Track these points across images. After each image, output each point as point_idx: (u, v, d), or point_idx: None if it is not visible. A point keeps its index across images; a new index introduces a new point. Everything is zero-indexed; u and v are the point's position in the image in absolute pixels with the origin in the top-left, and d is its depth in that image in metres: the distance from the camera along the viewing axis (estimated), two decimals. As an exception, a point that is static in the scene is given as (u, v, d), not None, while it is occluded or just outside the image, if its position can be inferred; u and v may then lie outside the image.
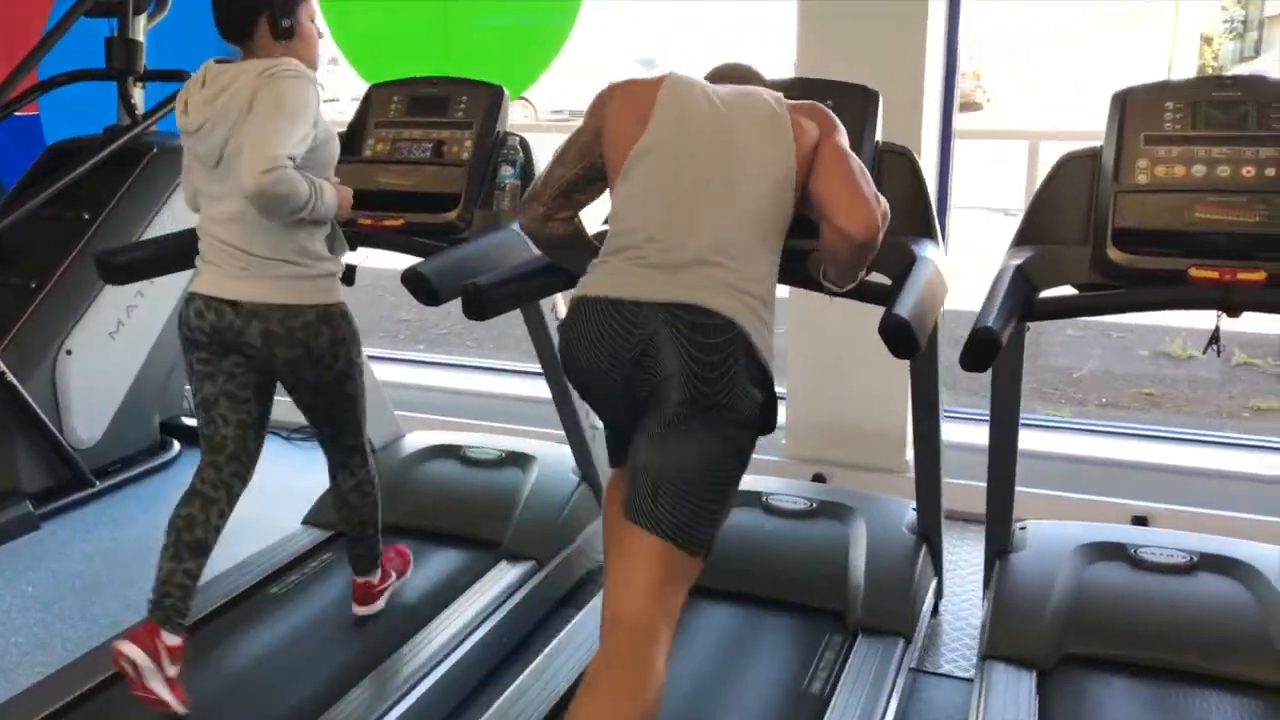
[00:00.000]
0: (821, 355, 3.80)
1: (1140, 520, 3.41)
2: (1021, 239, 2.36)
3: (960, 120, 3.86)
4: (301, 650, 2.68)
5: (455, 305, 2.38)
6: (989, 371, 2.11)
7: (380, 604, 2.82)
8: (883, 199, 2.03)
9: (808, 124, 2.05)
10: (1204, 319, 2.23)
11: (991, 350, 1.93)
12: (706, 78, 2.26)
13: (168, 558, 2.46)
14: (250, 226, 2.33)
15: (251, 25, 2.35)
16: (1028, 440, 3.55)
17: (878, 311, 2.32)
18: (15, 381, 3.60)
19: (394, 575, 2.89)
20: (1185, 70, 14.01)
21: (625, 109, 2.09)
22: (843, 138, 2.07)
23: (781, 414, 3.97)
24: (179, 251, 2.62)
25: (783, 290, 3.36)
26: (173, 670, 2.36)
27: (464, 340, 6.33)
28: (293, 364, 2.42)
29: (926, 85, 3.52)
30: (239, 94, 2.28)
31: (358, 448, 2.67)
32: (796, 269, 2.19)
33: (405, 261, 2.59)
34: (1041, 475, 3.57)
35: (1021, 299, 2.15)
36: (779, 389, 4.27)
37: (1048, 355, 5.85)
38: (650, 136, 2.04)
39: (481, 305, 2.26)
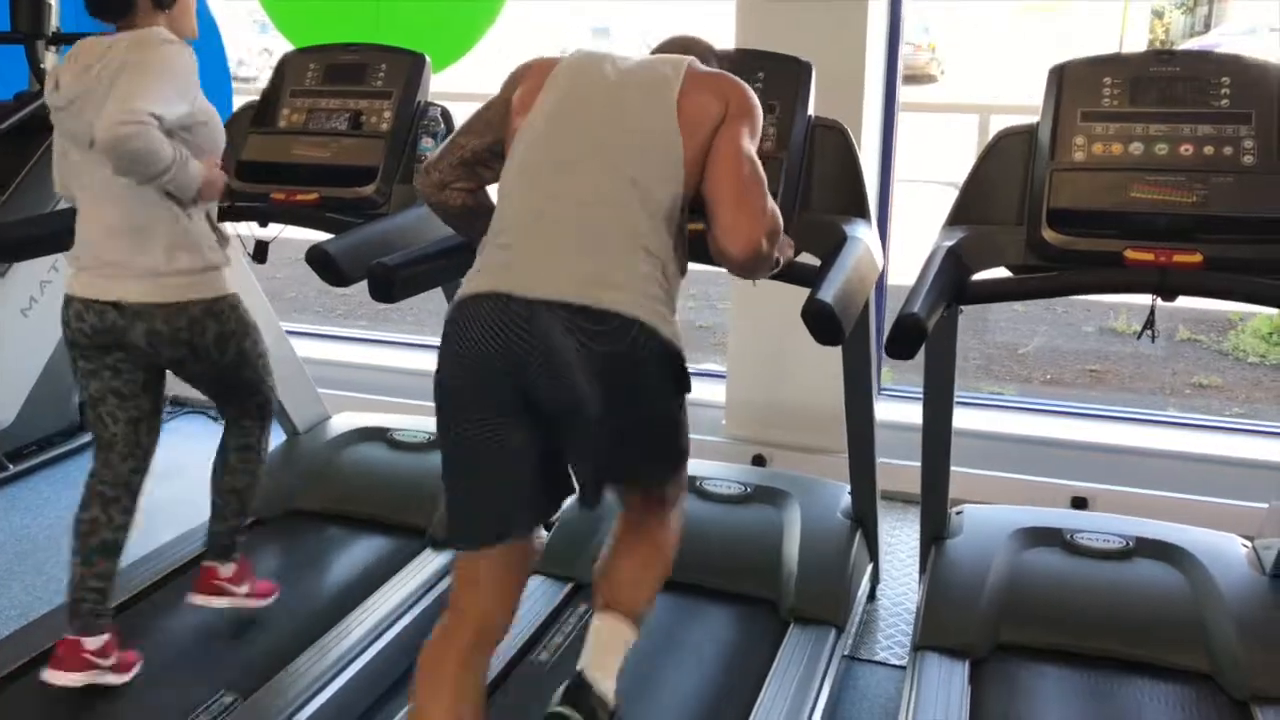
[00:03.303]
0: (762, 335, 3.72)
1: (1080, 501, 3.38)
2: (955, 219, 2.28)
3: (913, 93, 3.78)
4: (221, 639, 2.59)
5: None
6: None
7: (221, 603, 2.58)
8: (775, 211, 1.88)
9: (705, 98, 1.86)
10: (1147, 297, 2.17)
11: (917, 338, 1.85)
12: (653, 49, 2.12)
13: (78, 563, 2.37)
14: (127, 214, 2.21)
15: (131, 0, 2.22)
16: (967, 419, 3.53)
17: None
18: (-82, 362, 3.43)
19: (246, 588, 2.62)
20: (1136, 44, 14.05)
21: (529, 86, 1.95)
22: (747, 127, 1.87)
23: (721, 394, 3.92)
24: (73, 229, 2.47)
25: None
26: (109, 662, 2.31)
27: (405, 316, 6.19)
28: (178, 361, 2.33)
29: (868, 58, 3.44)
30: (110, 64, 2.15)
31: (253, 415, 2.56)
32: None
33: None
34: (980, 455, 3.53)
35: (952, 282, 2.07)
36: (719, 367, 4.23)
37: (994, 331, 5.82)
38: (534, 112, 1.91)
39: (389, 286, 2.15)
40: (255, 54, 9.65)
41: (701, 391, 4.02)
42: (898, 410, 3.70)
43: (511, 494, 1.85)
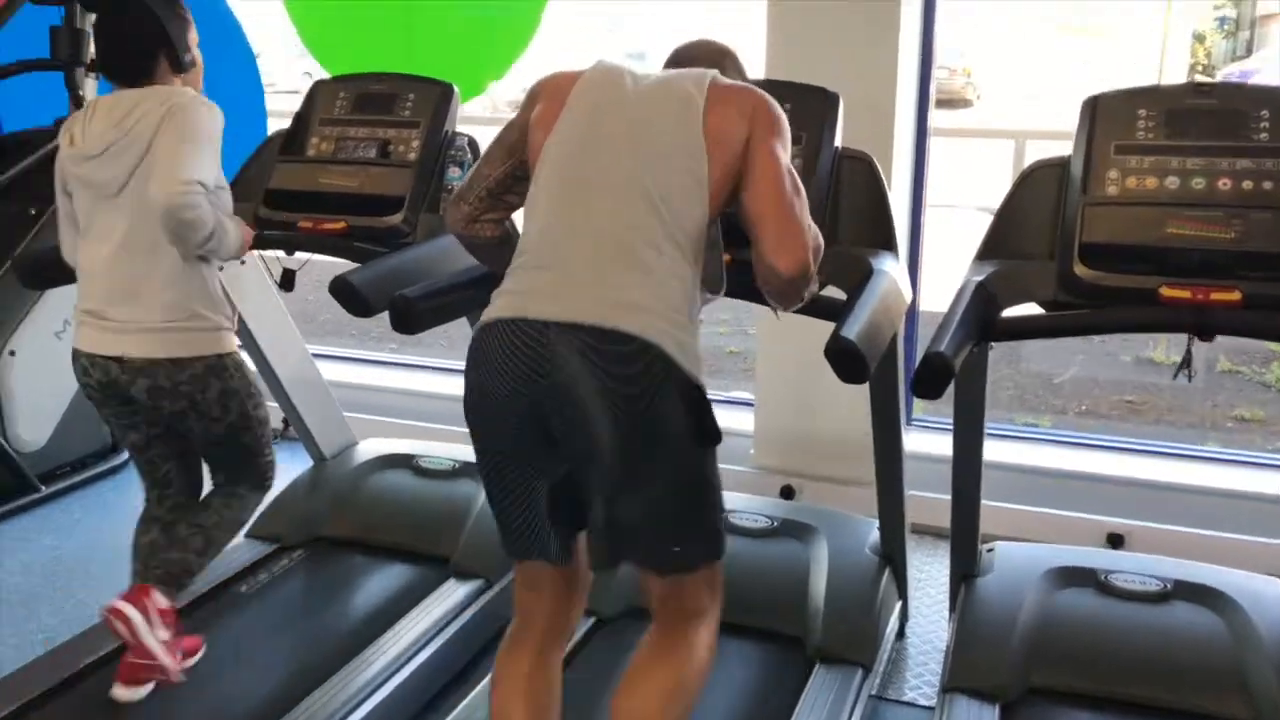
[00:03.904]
0: (791, 364, 3.68)
1: (1116, 539, 3.31)
2: (985, 253, 2.24)
3: (949, 117, 3.75)
4: (245, 666, 2.58)
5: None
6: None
7: (140, 635, 2.30)
8: (815, 230, 1.86)
9: (733, 115, 1.82)
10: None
11: (944, 377, 1.81)
12: (668, 59, 2.09)
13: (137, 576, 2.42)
14: (137, 268, 2.24)
15: (152, 65, 2.27)
16: (1000, 452, 3.47)
17: None
18: (-47, 384, 3.47)
19: (167, 634, 2.37)
20: (1177, 69, 13.90)
21: (548, 104, 1.91)
22: (779, 141, 1.84)
23: (749, 423, 3.88)
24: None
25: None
26: (165, 634, 2.29)
27: (437, 339, 6.20)
28: (178, 416, 2.33)
29: (900, 85, 3.40)
30: (149, 117, 2.18)
31: (249, 482, 2.53)
32: (744, 281, 2.06)
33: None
34: (1013, 489, 3.46)
35: (981, 319, 2.03)
36: (747, 395, 4.18)
37: (1028, 360, 5.74)
38: (557, 131, 1.87)
39: (410, 318, 2.14)
40: (297, 76, 9.78)
41: (730, 420, 4.03)
42: (929, 441, 3.64)
43: (533, 524, 1.86)
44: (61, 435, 3.89)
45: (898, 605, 2.85)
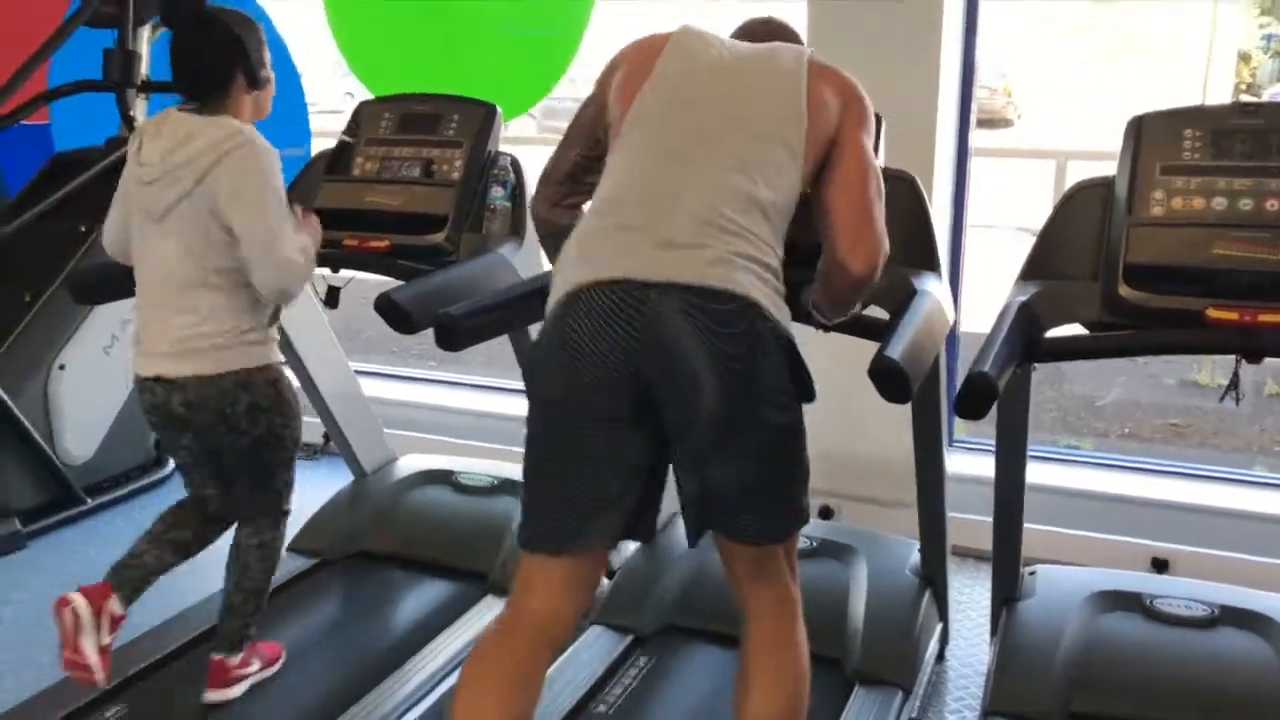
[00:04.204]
0: (831, 383, 3.62)
1: (1160, 563, 3.26)
2: (1029, 273, 2.23)
3: (990, 137, 3.73)
4: (283, 680, 2.59)
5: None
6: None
7: (236, 691, 2.48)
8: (886, 236, 1.86)
9: (830, 96, 1.83)
10: None
11: (988, 398, 1.80)
12: (734, 33, 2.07)
13: (147, 540, 2.48)
14: (182, 289, 2.27)
15: (226, 81, 2.30)
16: (1042, 474, 3.43)
17: None
18: (5, 396, 3.53)
19: (257, 664, 2.55)
20: (1222, 89, 13.76)
21: (631, 70, 1.89)
22: (868, 136, 1.86)
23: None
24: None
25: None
26: (106, 639, 2.33)
27: (475, 357, 6.24)
28: (208, 429, 2.34)
29: (941, 105, 3.40)
30: (199, 158, 2.21)
31: (271, 513, 2.50)
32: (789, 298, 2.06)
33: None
34: (1056, 512, 3.42)
35: (1024, 340, 2.02)
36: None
37: (1071, 382, 5.68)
38: (645, 96, 1.84)
39: (455, 336, 2.16)
40: (339, 95, 9.92)
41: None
42: (971, 463, 3.61)
43: (596, 501, 1.77)
44: (107, 449, 3.95)
45: (938, 628, 2.83)
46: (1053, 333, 2.14)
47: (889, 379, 1.81)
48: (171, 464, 4.20)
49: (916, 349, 1.90)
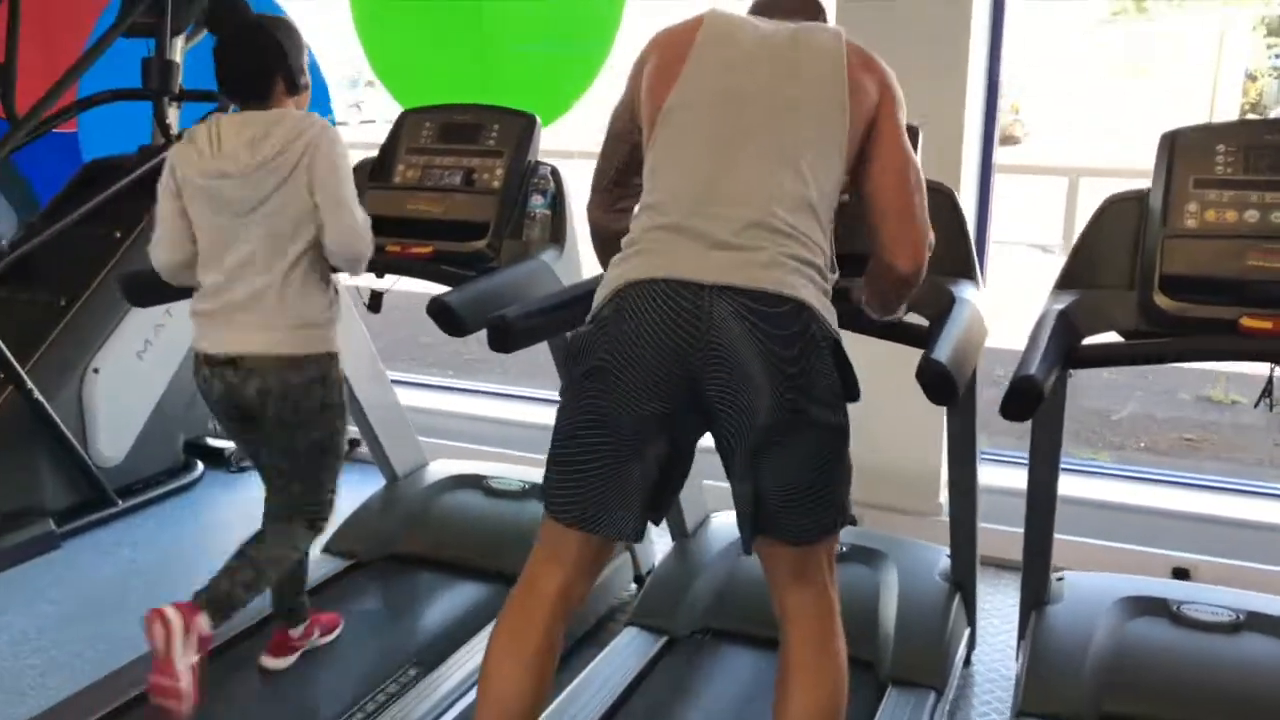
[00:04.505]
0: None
1: (1180, 572, 3.30)
2: (1065, 282, 2.29)
3: (999, 154, 3.79)
4: (316, 681, 2.63)
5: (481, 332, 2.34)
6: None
7: (291, 659, 2.66)
8: (930, 231, 1.91)
9: (867, 81, 1.81)
10: (1252, 364, 2.15)
11: (1034, 400, 1.85)
12: (753, 7, 2.04)
13: (234, 558, 2.48)
14: (264, 277, 2.33)
15: (268, 85, 2.37)
16: (1065, 486, 3.47)
17: (912, 350, 2.25)
18: (42, 399, 3.58)
19: (316, 634, 2.73)
20: (1228, 109, 13.83)
21: (664, 62, 1.86)
22: (903, 122, 1.86)
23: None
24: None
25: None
26: (194, 657, 2.31)
27: (492, 367, 6.30)
28: (280, 423, 2.39)
29: (967, 119, 3.46)
30: (289, 152, 2.29)
31: (298, 531, 2.52)
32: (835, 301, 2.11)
33: (424, 287, 2.58)
34: (1076, 522, 3.46)
35: (1064, 346, 2.07)
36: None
37: (1086, 396, 5.73)
38: (684, 86, 1.82)
39: (509, 338, 2.21)
40: (346, 108, 10.02)
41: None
42: (992, 474, 3.65)
43: (617, 501, 1.81)
44: (137, 452, 4.00)
45: (966, 632, 2.87)
46: (1089, 340, 2.19)
47: (938, 382, 1.86)
48: (200, 467, 4.26)
49: (960, 354, 1.96)
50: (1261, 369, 2.14)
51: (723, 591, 2.86)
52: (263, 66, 2.36)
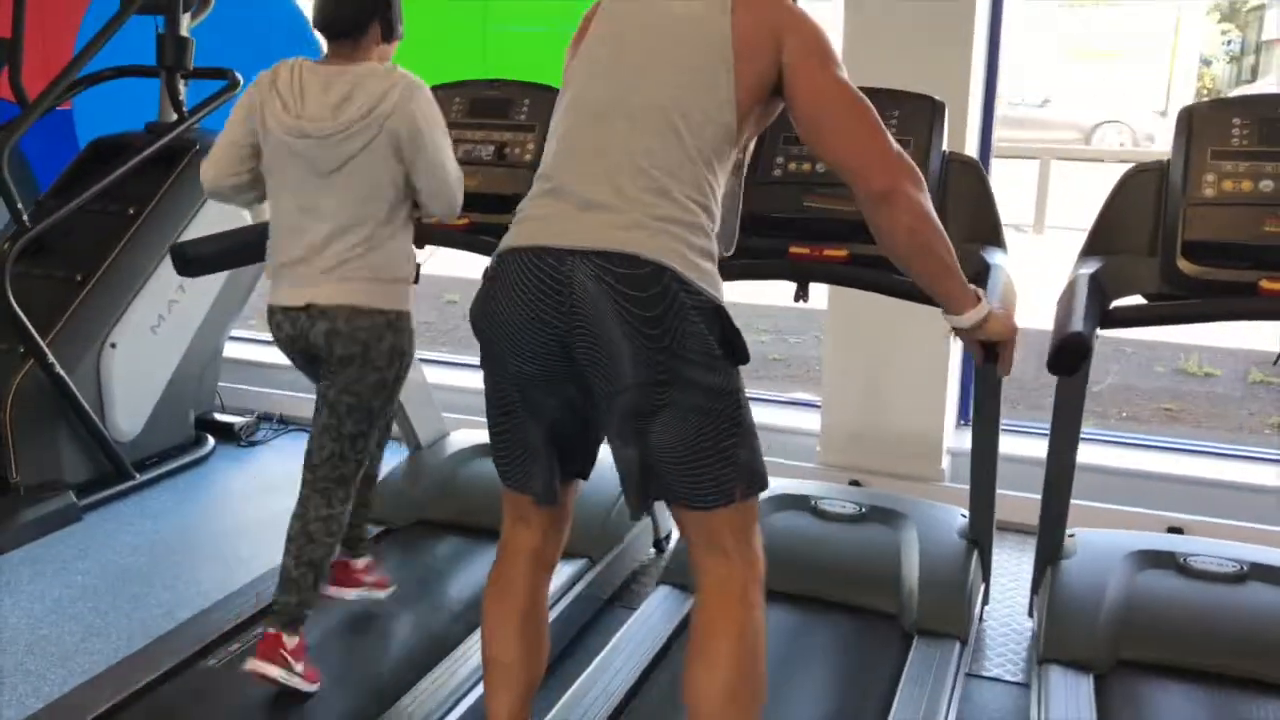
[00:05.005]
0: (858, 362, 3.84)
1: (1175, 531, 3.46)
2: (1090, 249, 2.41)
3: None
4: (355, 650, 2.69)
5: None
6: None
7: (353, 593, 2.78)
8: (903, 153, 1.80)
9: (755, 24, 1.76)
10: (1221, 337, 2.28)
11: (1083, 355, 1.97)
12: None
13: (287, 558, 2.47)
14: (344, 233, 2.35)
15: (364, 30, 2.38)
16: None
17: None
18: (63, 374, 3.61)
19: (374, 578, 2.82)
20: (1185, 93, 14.13)
21: (579, 33, 1.95)
22: (825, 63, 1.78)
23: (815, 421, 4.03)
24: (254, 243, 2.64)
25: (820, 297, 3.40)
26: (300, 666, 2.39)
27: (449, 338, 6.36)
28: (346, 360, 2.38)
29: (971, 98, 3.58)
30: (379, 106, 2.30)
31: (347, 481, 2.50)
32: (881, 277, 2.20)
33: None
34: (1078, 485, 3.61)
35: (1099, 306, 2.20)
36: (808, 397, 4.32)
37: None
38: (579, 57, 1.89)
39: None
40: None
41: (794, 419, 4.17)
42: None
43: (531, 459, 1.89)
44: (151, 427, 4.04)
45: (982, 587, 3.00)
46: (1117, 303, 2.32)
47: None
48: (211, 442, 4.30)
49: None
50: (1235, 342, 2.28)
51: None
52: (363, 9, 2.36)
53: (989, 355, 1.92)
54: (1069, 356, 1.97)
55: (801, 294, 2.55)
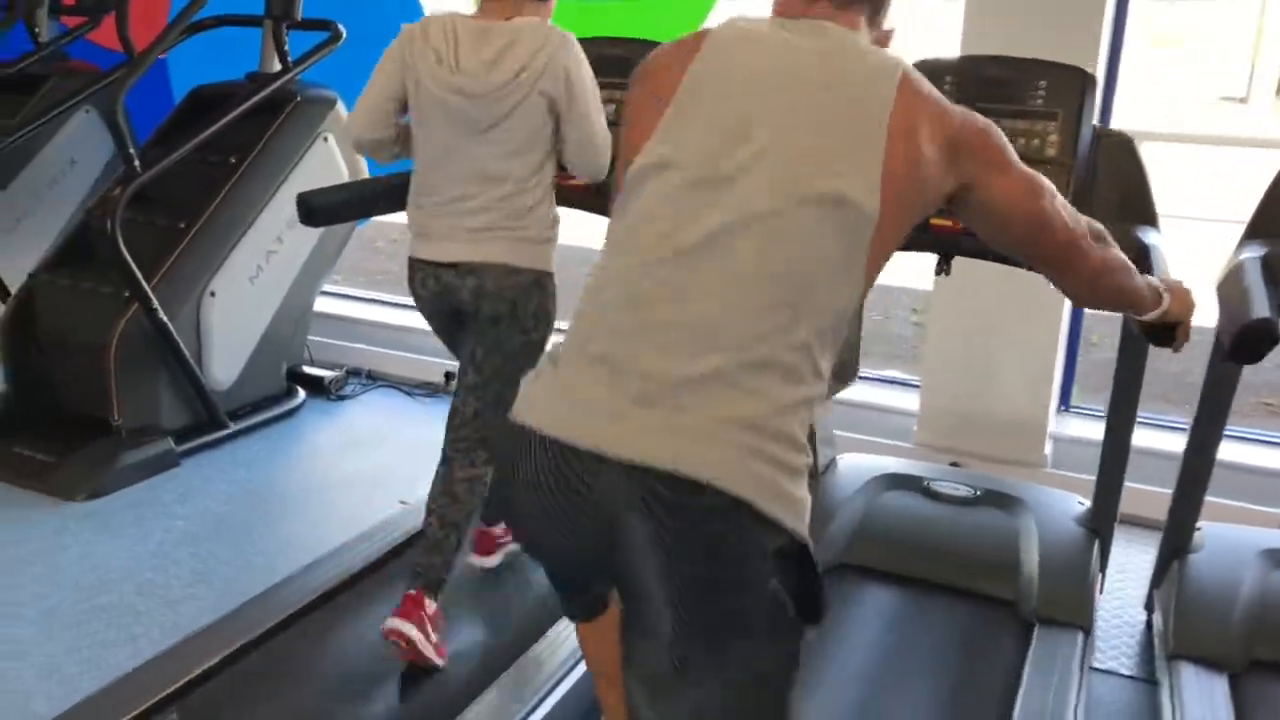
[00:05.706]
0: (961, 343, 3.74)
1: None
2: (1253, 233, 2.31)
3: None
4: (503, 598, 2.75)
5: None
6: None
7: (495, 560, 2.82)
8: (1085, 225, 1.55)
9: (924, 138, 1.29)
10: None
11: (1271, 342, 1.87)
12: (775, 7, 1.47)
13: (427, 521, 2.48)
14: (490, 188, 2.33)
15: None
16: (1173, 443, 3.50)
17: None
18: (166, 320, 3.61)
19: (510, 539, 2.84)
20: (1270, 78, 13.74)
21: (645, 95, 1.40)
22: (1006, 169, 1.40)
23: (915, 401, 3.95)
24: (378, 196, 2.61)
25: (926, 273, 3.32)
26: (435, 638, 2.39)
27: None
28: (494, 320, 2.38)
29: (1100, 68, 3.45)
30: (533, 63, 2.27)
31: (489, 442, 2.45)
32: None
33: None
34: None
35: (1275, 292, 2.10)
36: (912, 377, 4.24)
37: (1162, 360, 5.73)
38: (659, 140, 1.33)
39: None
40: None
41: (892, 399, 4.08)
42: (1087, 427, 3.71)
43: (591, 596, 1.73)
44: (245, 377, 4.04)
45: (1100, 578, 2.91)
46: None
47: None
48: (302, 394, 4.30)
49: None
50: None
51: (858, 529, 2.90)
52: None
53: (1164, 339, 1.83)
54: (1254, 342, 1.87)
55: (945, 267, 2.46)
